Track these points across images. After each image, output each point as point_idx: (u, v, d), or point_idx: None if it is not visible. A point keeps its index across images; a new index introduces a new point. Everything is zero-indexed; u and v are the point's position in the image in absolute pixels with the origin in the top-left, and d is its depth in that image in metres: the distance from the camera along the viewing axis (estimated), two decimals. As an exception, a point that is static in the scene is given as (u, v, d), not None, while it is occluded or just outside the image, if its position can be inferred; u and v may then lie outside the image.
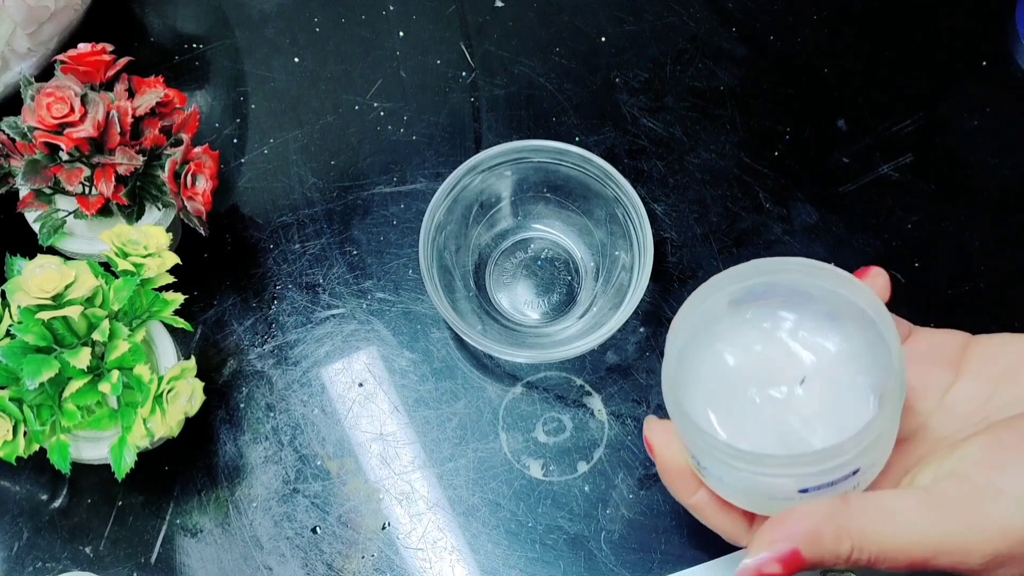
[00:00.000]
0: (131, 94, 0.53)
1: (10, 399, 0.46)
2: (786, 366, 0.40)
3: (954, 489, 0.35)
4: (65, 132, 0.50)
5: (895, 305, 0.41)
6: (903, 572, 0.36)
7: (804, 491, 0.36)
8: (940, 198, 0.61)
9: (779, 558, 0.35)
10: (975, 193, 0.61)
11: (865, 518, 0.35)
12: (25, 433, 0.47)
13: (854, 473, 0.36)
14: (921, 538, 0.35)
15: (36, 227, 0.53)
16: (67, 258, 0.51)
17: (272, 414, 0.57)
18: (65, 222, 0.54)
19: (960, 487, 0.35)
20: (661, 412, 0.56)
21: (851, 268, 0.40)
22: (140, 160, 0.51)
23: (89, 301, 0.48)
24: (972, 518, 0.35)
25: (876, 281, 0.42)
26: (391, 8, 0.67)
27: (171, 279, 0.50)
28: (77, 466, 0.49)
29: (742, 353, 0.41)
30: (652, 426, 0.41)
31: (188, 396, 0.49)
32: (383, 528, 0.54)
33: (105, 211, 0.53)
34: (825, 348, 0.40)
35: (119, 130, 0.51)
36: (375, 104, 0.64)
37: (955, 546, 0.35)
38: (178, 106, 0.54)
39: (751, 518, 0.41)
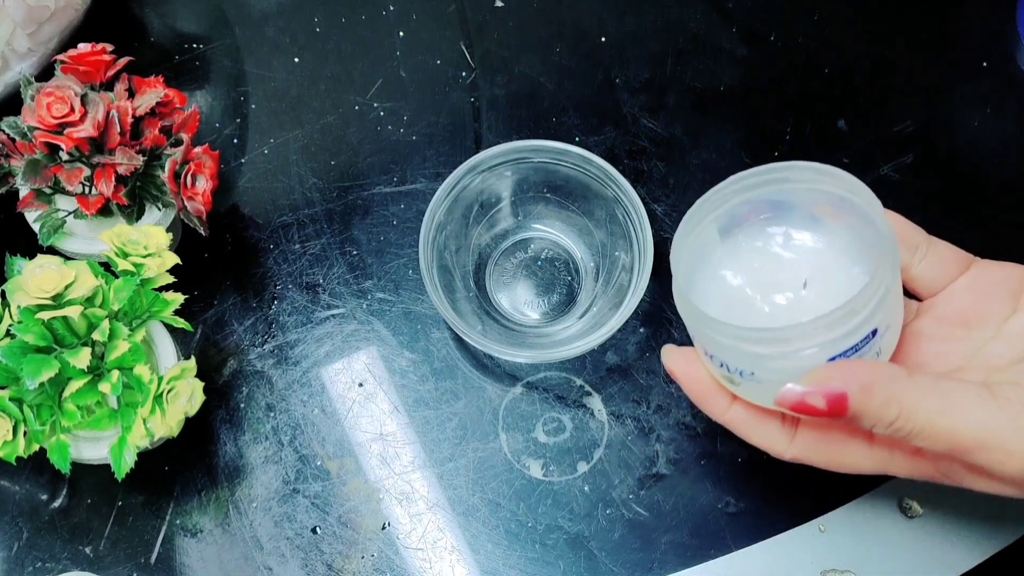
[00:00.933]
0: (131, 94, 0.53)
1: (10, 399, 0.46)
2: (786, 274, 0.42)
3: (1013, 393, 0.35)
4: (65, 132, 0.49)
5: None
6: (926, 480, 0.37)
7: (832, 359, 0.37)
8: (940, 198, 0.61)
9: (827, 394, 0.35)
10: (975, 193, 0.61)
11: (920, 391, 0.35)
12: (25, 433, 0.47)
13: (874, 334, 0.37)
14: (970, 426, 0.35)
15: (36, 227, 0.53)
16: (67, 258, 0.51)
17: (272, 414, 0.57)
18: (65, 222, 0.54)
19: (1019, 393, 0.35)
20: (662, 411, 0.56)
21: None
22: (140, 160, 0.51)
23: (89, 301, 0.48)
24: None
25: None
26: (391, 8, 0.67)
27: (171, 279, 0.50)
28: (77, 466, 0.49)
29: (743, 273, 0.43)
30: (671, 354, 0.42)
31: (188, 396, 0.49)
32: (383, 528, 0.54)
33: (105, 211, 0.53)
34: (817, 249, 0.42)
35: (119, 130, 0.51)
36: (375, 104, 0.64)
37: (999, 444, 0.35)
38: (178, 106, 0.54)
39: (791, 429, 0.41)
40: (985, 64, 0.64)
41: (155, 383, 0.48)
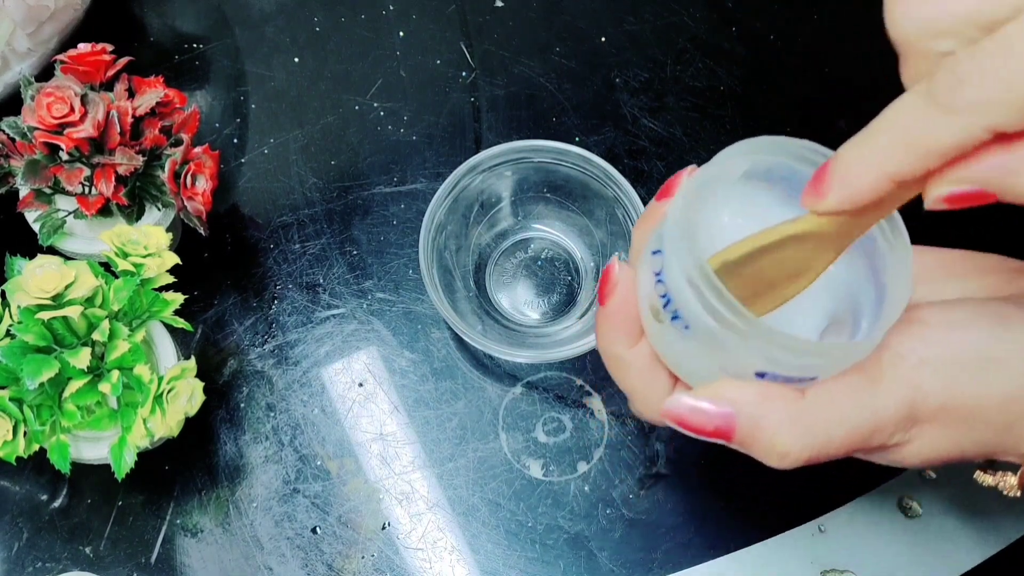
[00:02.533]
0: (131, 94, 0.53)
1: (10, 399, 0.46)
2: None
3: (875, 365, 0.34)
4: (65, 132, 0.49)
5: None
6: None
7: (762, 375, 0.34)
8: (940, 198, 0.61)
9: (720, 415, 0.34)
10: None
11: (811, 419, 0.34)
12: (25, 433, 0.47)
13: (812, 379, 0.34)
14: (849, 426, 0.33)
15: (36, 227, 0.53)
16: (67, 258, 0.51)
17: (272, 414, 0.57)
18: (65, 222, 0.54)
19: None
20: (661, 412, 0.56)
21: None
22: (140, 160, 0.51)
23: (89, 301, 0.48)
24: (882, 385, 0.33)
25: None
26: (391, 8, 0.67)
27: (171, 279, 0.50)
28: (77, 466, 0.49)
29: (742, 221, 0.37)
30: (619, 261, 0.37)
31: (188, 396, 0.49)
32: (383, 528, 0.54)
33: (105, 211, 0.53)
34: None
35: (119, 130, 0.51)
36: (375, 104, 0.64)
37: (868, 422, 0.33)
38: (178, 106, 0.54)
39: (671, 387, 0.38)
40: (985, 64, 0.64)
41: (155, 383, 0.48)
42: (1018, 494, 0.36)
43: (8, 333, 0.47)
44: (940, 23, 0.30)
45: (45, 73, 0.57)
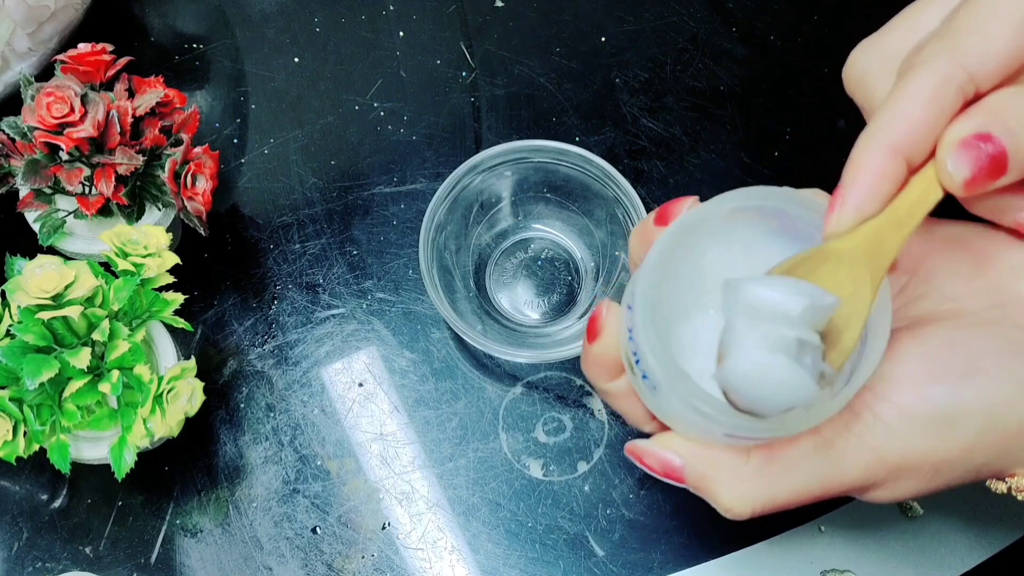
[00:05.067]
0: (131, 94, 0.53)
1: (10, 399, 0.46)
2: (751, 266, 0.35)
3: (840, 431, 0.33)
4: (65, 132, 0.49)
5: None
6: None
7: (730, 436, 0.34)
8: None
9: (672, 467, 0.36)
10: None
11: (759, 479, 0.35)
12: (25, 433, 0.47)
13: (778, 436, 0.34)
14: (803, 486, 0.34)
15: (36, 227, 0.53)
16: (67, 258, 0.51)
17: (272, 414, 0.57)
18: (65, 222, 0.54)
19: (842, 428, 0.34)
20: (661, 412, 0.56)
21: None
22: (140, 160, 0.51)
23: (89, 301, 0.48)
24: (849, 451, 0.33)
25: None
26: (391, 8, 0.67)
27: (171, 279, 0.50)
28: (77, 466, 0.49)
29: (737, 250, 0.36)
30: (608, 306, 0.37)
31: (188, 396, 0.49)
32: (383, 528, 0.54)
33: (105, 211, 0.53)
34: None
35: (119, 130, 0.51)
36: (375, 104, 0.64)
37: (832, 480, 0.34)
38: (178, 106, 0.54)
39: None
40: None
41: (155, 383, 0.48)
42: None
43: (8, 333, 0.47)
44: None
45: (45, 73, 0.57)
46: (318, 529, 0.54)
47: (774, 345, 0.31)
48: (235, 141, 0.63)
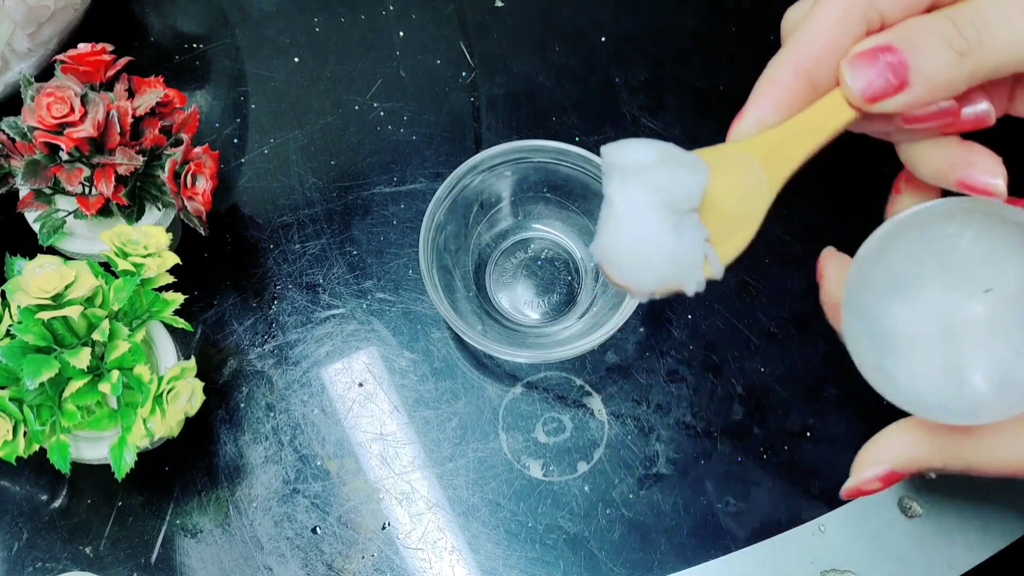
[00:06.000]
0: (131, 94, 0.53)
1: (10, 399, 0.46)
2: (977, 272, 0.34)
3: None
4: (65, 132, 0.49)
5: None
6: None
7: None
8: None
9: (880, 477, 0.36)
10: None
11: (960, 446, 0.35)
12: (25, 433, 0.47)
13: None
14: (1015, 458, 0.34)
15: (36, 227, 0.53)
16: (67, 258, 0.51)
17: (272, 414, 0.57)
18: (65, 222, 0.54)
19: None
20: (662, 411, 0.56)
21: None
22: (140, 160, 0.51)
23: (89, 301, 0.48)
24: None
25: None
26: (391, 8, 0.67)
27: (171, 279, 0.50)
28: (77, 466, 0.49)
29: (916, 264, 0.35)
30: (829, 258, 0.38)
31: (188, 396, 0.49)
32: (383, 528, 0.54)
33: (105, 211, 0.53)
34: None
35: (119, 130, 0.51)
36: (375, 104, 0.64)
37: None
38: (178, 106, 0.54)
39: None
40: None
41: (155, 383, 0.48)
42: None
43: (8, 333, 0.47)
44: None
45: (45, 73, 0.57)
46: (318, 529, 0.54)
47: (646, 209, 0.31)
48: (235, 141, 0.63)
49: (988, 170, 0.33)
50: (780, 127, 0.33)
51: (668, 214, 0.31)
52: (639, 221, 0.31)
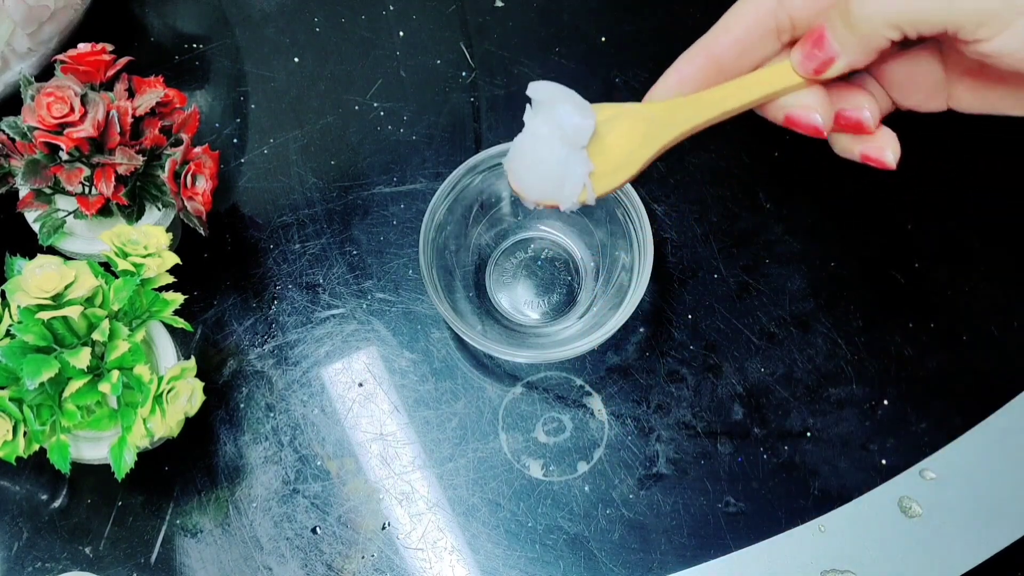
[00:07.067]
0: (131, 94, 0.53)
1: (10, 399, 0.46)
2: None
3: None
4: (65, 132, 0.49)
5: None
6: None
7: None
8: (940, 198, 0.61)
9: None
10: (975, 193, 0.61)
11: None
12: (25, 433, 0.47)
13: None
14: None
15: (36, 227, 0.53)
16: (67, 258, 0.51)
17: (272, 414, 0.57)
18: (65, 222, 0.54)
19: None
20: (662, 411, 0.56)
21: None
22: (140, 160, 0.51)
23: (89, 301, 0.48)
24: None
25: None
26: (391, 8, 0.67)
27: (171, 279, 0.50)
28: (77, 466, 0.49)
29: None
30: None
31: (188, 396, 0.49)
32: (383, 528, 0.54)
33: (105, 211, 0.53)
34: None
35: (119, 130, 0.51)
36: (375, 104, 0.64)
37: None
38: (178, 106, 0.54)
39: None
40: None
41: (155, 383, 0.48)
42: None
43: (8, 333, 0.47)
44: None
45: (45, 73, 0.57)
46: (318, 529, 0.54)
47: (547, 138, 0.38)
48: (235, 141, 0.63)
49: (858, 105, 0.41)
50: (682, 98, 0.40)
51: (562, 146, 0.39)
52: (537, 145, 0.39)
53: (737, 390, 0.57)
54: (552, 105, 0.39)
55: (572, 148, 0.39)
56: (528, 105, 0.39)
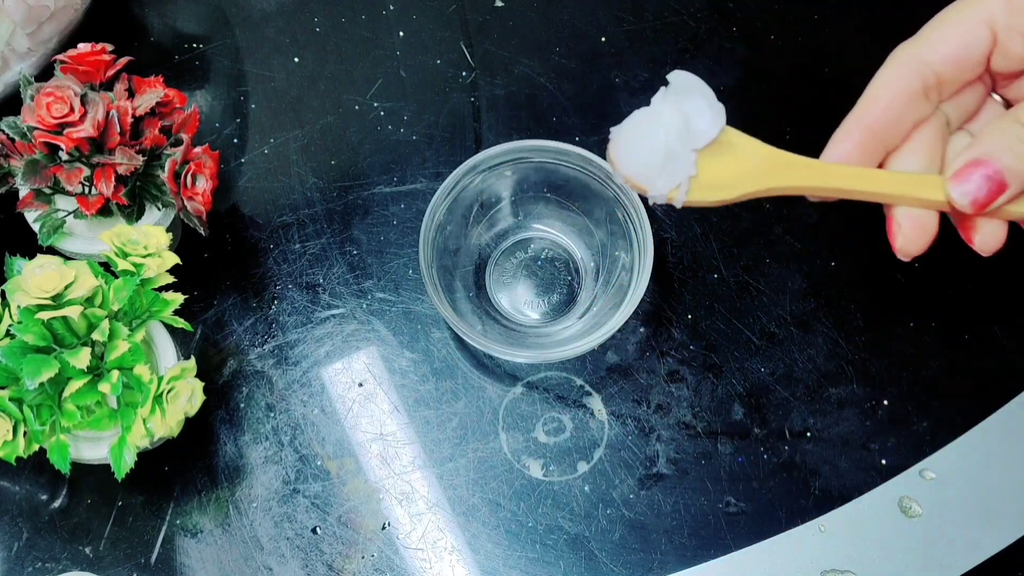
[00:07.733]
0: (131, 94, 0.53)
1: (10, 399, 0.46)
2: None
3: None
4: (65, 132, 0.49)
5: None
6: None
7: None
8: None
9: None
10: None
11: None
12: (25, 433, 0.47)
13: None
14: None
15: (36, 227, 0.53)
16: (67, 258, 0.51)
17: (272, 414, 0.57)
18: (65, 222, 0.54)
19: None
20: (662, 411, 0.56)
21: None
22: (140, 160, 0.51)
23: (89, 301, 0.48)
24: None
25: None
26: (391, 8, 0.67)
27: (171, 279, 0.50)
28: (77, 466, 0.49)
29: None
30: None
31: (188, 396, 0.49)
32: (383, 528, 0.54)
33: (105, 211, 0.53)
34: None
35: (119, 130, 0.51)
36: (375, 104, 0.64)
37: None
38: (178, 106, 0.54)
39: None
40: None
41: (155, 383, 0.48)
42: None
43: (8, 333, 0.47)
44: None
45: (45, 73, 0.57)
46: (318, 529, 0.54)
47: (666, 125, 0.37)
48: (235, 141, 0.63)
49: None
50: (807, 158, 0.40)
51: (677, 138, 0.37)
52: (654, 126, 0.38)
53: (737, 390, 0.57)
54: (686, 96, 0.38)
55: (685, 145, 0.38)
56: (662, 87, 0.38)
